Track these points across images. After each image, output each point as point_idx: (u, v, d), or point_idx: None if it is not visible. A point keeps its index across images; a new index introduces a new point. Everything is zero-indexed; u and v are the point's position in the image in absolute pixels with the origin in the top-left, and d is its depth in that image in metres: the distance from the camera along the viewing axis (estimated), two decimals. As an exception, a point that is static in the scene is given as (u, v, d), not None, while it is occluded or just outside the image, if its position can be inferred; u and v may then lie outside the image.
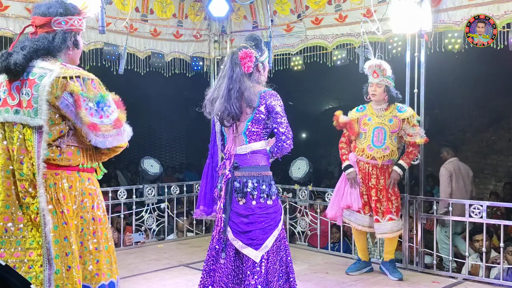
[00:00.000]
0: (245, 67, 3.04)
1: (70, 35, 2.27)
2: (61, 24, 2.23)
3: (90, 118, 2.12)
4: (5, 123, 2.18)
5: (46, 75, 2.12)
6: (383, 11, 5.12)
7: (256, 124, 3.06)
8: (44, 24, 2.23)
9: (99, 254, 2.20)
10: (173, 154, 14.91)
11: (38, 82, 2.13)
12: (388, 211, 4.67)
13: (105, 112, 2.16)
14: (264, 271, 3.04)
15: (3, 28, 4.96)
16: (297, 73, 6.43)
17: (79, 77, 2.14)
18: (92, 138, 2.13)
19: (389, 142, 4.67)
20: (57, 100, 2.11)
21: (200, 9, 6.58)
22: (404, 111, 4.69)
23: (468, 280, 4.71)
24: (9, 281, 1.60)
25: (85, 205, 2.19)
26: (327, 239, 5.96)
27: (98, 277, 2.18)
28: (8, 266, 1.66)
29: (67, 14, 2.24)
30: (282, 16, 6.23)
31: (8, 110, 2.17)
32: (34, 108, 2.12)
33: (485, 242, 4.81)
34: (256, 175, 3.09)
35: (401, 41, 5.17)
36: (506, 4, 4.55)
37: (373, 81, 4.69)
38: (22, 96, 2.15)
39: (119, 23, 5.81)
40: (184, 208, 6.66)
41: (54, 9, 2.23)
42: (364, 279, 4.74)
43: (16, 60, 2.13)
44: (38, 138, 2.12)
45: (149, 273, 4.90)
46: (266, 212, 3.08)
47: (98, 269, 2.19)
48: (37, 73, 2.15)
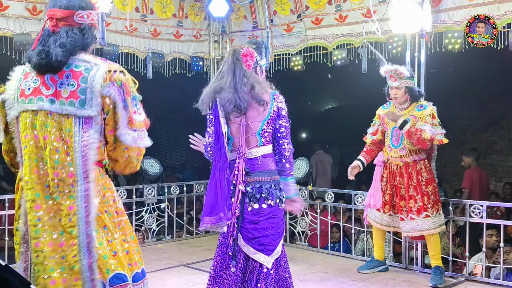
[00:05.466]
0: (246, 65, 2.97)
1: (93, 29, 2.27)
2: (84, 18, 2.22)
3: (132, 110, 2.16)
4: (39, 111, 2.16)
5: (93, 68, 2.14)
6: (383, 11, 5.12)
7: (270, 125, 2.97)
8: (65, 17, 2.20)
9: (128, 245, 2.24)
10: (173, 154, 14.92)
11: (85, 74, 2.13)
12: (423, 208, 4.53)
13: (138, 109, 2.20)
14: (275, 278, 2.98)
15: (3, 28, 4.96)
16: (297, 73, 6.43)
17: (122, 72, 2.20)
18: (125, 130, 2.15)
19: (406, 142, 4.59)
20: (104, 90, 2.12)
21: (200, 9, 6.58)
22: (423, 109, 4.59)
23: (468, 280, 4.72)
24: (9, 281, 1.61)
25: (107, 199, 2.22)
26: (327, 239, 5.96)
27: (131, 267, 2.21)
28: (8, 266, 1.66)
29: (88, 8, 2.24)
30: (282, 16, 6.23)
31: (42, 98, 2.16)
32: (80, 99, 2.12)
33: (485, 241, 4.82)
34: (269, 179, 2.99)
35: (401, 41, 5.17)
36: (506, 4, 4.56)
37: (392, 85, 4.62)
38: (63, 86, 2.14)
39: (119, 23, 5.83)
40: (184, 208, 6.66)
41: (76, 2, 2.21)
42: (364, 279, 4.74)
43: (57, 57, 2.13)
44: (84, 128, 2.13)
45: (149, 273, 4.85)
46: (277, 216, 3.01)
47: (130, 259, 2.22)
48: (82, 66, 2.16)
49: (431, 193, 4.58)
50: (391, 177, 4.73)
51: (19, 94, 2.21)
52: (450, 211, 4.94)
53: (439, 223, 4.59)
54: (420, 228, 4.57)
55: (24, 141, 2.17)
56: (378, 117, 4.91)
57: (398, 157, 4.66)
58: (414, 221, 4.57)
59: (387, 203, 4.76)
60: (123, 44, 5.90)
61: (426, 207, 4.54)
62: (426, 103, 4.64)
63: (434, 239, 4.62)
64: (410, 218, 4.59)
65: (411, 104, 4.66)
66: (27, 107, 2.17)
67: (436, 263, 4.63)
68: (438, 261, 4.64)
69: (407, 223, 4.62)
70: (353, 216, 5.84)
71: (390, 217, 4.78)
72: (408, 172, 4.61)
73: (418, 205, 4.55)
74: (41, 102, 2.15)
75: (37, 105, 2.15)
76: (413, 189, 4.58)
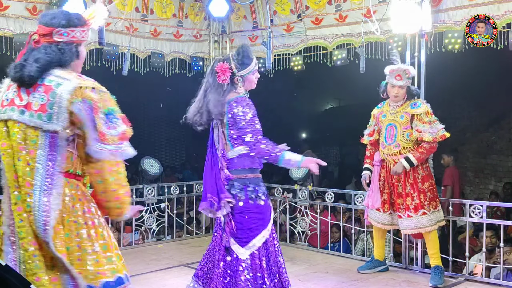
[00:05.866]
0: (219, 79, 3.24)
1: (73, 46, 2.33)
2: (63, 36, 2.29)
3: (102, 127, 2.19)
4: (9, 120, 2.24)
5: (63, 84, 2.20)
6: (383, 11, 5.12)
7: (233, 130, 3.23)
8: (46, 34, 2.29)
9: (97, 255, 2.25)
10: (173, 154, 14.93)
11: (55, 89, 2.20)
12: (420, 205, 4.55)
13: (112, 123, 2.23)
14: (252, 270, 3.14)
15: (3, 28, 4.96)
16: (297, 73, 6.43)
17: (94, 88, 2.23)
18: (95, 146, 2.18)
19: (400, 138, 4.64)
20: (72, 106, 2.18)
21: (200, 9, 6.58)
22: (417, 107, 4.62)
23: (468, 280, 4.72)
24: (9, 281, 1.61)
25: (76, 210, 2.25)
26: (327, 239, 5.96)
27: (100, 276, 2.23)
28: (8, 266, 1.67)
29: (69, 26, 2.30)
30: (282, 16, 6.23)
31: (14, 109, 2.24)
32: (48, 113, 2.19)
33: (485, 241, 4.82)
34: (242, 177, 3.23)
35: (401, 41, 5.17)
36: (506, 4, 4.55)
37: (397, 83, 4.63)
38: (34, 99, 2.22)
39: (119, 23, 5.82)
40: (184, 208, 6.66)
41: (57, 20, 2.29)
42: (364, 279, 4.74)
43: (30, 72, 2.21)
44: (51, 142, 2.20)
45: (149, 273, 4.90)
46: (254, 212, 3.20)
47: (97, 269, 2.23)
48: (54, 81, 2.22)
49: (428, 190, 4.59)
50: (388, 176, 4.74)
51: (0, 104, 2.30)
52: (450, 211, 4.95)
53: (436, 220, 4.59)
54: (417, 225, 4.58)
55: (1, 149, 2.26)
56: (373, 117, 4.94)
57: (393, 154, 4.68)
58: (411, 219, 4.59)
59: (386, 202, 4.77)
60: (123, 44, 5.90)
61: (423, 205, 4.55)
62: (420, 101, 4.68)
63: (432, 237, 4.63)
64: (407, 216, 4.60)
65: (405, 102, 4.70)
66: (1, 117, 2.26)
67: (435, 263, 4.63)
68: (437, 261, 4.64)
69: (404, 220, 4.63)
70: (353, 216, 5.84)
71: (390, 215, 4.79)
72: (404, 170, 4.61)
73: (415, 203, 4.57)
74: (12, 112, 2.23)
75: (7, 115, 2.24)
76: (410, 186, 4.60)
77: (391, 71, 4.66)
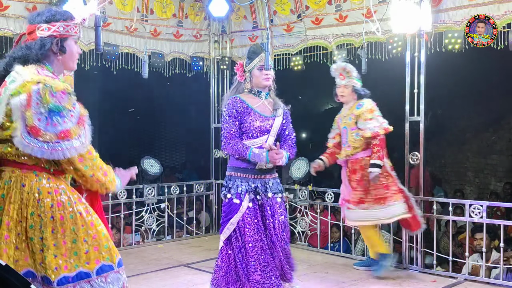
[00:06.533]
0: (238, 77, 3.59)
1: (51, 40, 2.33)
2: (44, 31, 2.33)
3: (36, 122, 2.17)
4: None
5: (16, 80, 2.24)
6: (383, 11, 5.11)
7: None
8: (31, 32, 2.34)
9: (58, 250, 2.26)
10: (173, 154, 14.91)
11: (8, 86, 2.24)
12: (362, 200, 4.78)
13: (53, 120, 2.20)
14: (221, 257, 3.46)
15: (3, 28, 4.96)
16: (297, 73, 6.42)
17: (39, 82, 2.21)
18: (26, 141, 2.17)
19: (350, 140, 4.82)
20: (11, 99, 2.19)
21: (200, 9, 6.58)
22: (361, 107, 4.77)
23: (468, 280, 4.72)
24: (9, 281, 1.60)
25: (42, 204, 2.25)
26: (327, 239, 5.96)
27: (57, 271, 2.25)
28: (8, 266, 1.66)
29: (51, 21, 2.33)
30: (282, 16, 6.23)
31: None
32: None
33: (485, 242, 4.81)
34: (226, 174, 3.56)
35: (401, 41, 5.16)
36: (506, 4, 4.55)
37: (340, 83, 4.85)
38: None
39: (119, 23, 5.82)
40: (184, 208, 6.66)
41: (40, 17, 2.33)
42: (364, 278, 4.74)
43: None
44: None
45: (149, 273, 4.90)
46: (223, 206, 3.52)
47: (56, 264, 2.25)
48: (11, 76, 2.27)
49: (373, 189, 4.75)
50: (350, 175, 4.90)
51: None
52: (450, 211, 4.94)
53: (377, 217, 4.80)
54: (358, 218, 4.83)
55: None
56: (335, 121, 5.13)
57: (348, 156, 4.87)
58: (352, 211, 4.82)
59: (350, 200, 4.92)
60: (123, 44, 5.90)
61: (364, 200, 4.76)
62: (365, 101, 4.79)
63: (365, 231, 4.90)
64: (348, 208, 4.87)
65: (354, 103, 4.86)
66: None
67: (376, 251, 4.83)
68: (376, 249, 4.85)
69: (350, 212, 4.86)
70: (353, 216, 5.83)
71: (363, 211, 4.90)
72: (353, 168, 4.82)
73: (358, 197, 4.77)
74: None
75: None
76: (356, 182, 4.79)
77: (335, 70, 4.88)
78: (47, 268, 2.23)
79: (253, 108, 3.45)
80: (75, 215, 2.32)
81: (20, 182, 2.25)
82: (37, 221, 2.24)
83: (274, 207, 3.46)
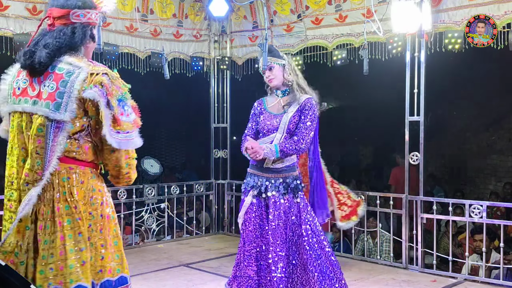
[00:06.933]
0: None
1: (88, 28, 2.26)
2: (80, 17, 2.22)
3: (115, 112, 2.12)
4: (23, 113, 2.17)
5: (74, 72, 2.13)
6: (383, 11, 5.12)
7: None
8: (62, 16, 2.21)
9: (105, 251, 2.20)
10: (173, 154, 14.90)
11: (66, 78, 2.13)
12: None
13: (125, 110, 2.16)
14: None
15: (3, 28, 4.96)
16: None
17: (106, 73, 2.15)
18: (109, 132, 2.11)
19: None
20: (84, 93, 2.10)
21: (200, 9, 6.58)
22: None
23: (468, 280, 4.72)
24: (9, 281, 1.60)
25: (94, 202, 2.19)
26: (327, 239, 5.95)
27: (101, 274, 2.18)
28: (8, 266, 1.66)
29: (85, 7, 2.23)
30: (282, 16, 6.23)
31: (27, 100, 2.16)
32: (56, 102, 2.11)
33: (485, 242, 4.82)
34: None
35: (401, 41, 5.16)
36: (506, 4, 4.55)
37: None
38: (44, 88, 2.15)
39: (119, 23, 5.82)
40: (184, 208, 6.66)
41: (73, 2, 2.21)
42: (364, 278, 4.74)
43: (40, 58, 2.13)
44: (55, 131, 2.12)
45: (149, 273, 4.90)
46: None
47: (102, 266, 2.18)
48: (64, 69, 2.15)
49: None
50: None
51: (12, 92, 2.23)
52: (450, 211, 4.95)
53: None
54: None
55: (14, 142, 2.20)
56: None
57: None
58: None
59: None
60: (123, 44, 5.90)
61: None
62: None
63: None
64: None
65: None
66: (15, 108, 2.20)
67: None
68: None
69: None
70: (353, 216, 5.83)
71: None
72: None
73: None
74: (25, 104, 2.17)
75: (21, 107, 2.18)
76: None
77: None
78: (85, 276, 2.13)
79: (266, 108, 3.57)
80: (115, 216, 2.30)
81: (79, 180, 2.17)
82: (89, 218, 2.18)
83: (277, 207, 3.37)
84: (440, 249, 5.87)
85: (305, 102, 3.46)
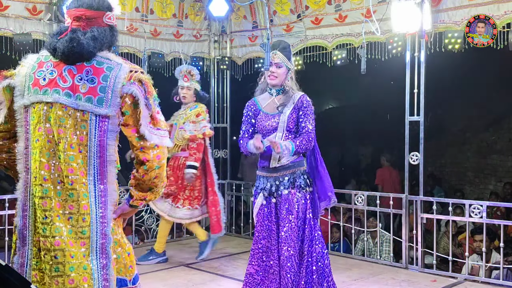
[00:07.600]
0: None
1: (115, 30, 2.30)
2: (111, 20, 2.27)
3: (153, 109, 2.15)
4: (54, 104, 2.11)
5: (115, 67, 2.14)
6: (383, 11, 5.11)
7: None
8: (95, 18, 2.21)
9: (129, 247, 2.26)
10: (173, 154, 14.91)
11: (107, 73, 2.12)
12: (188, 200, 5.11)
13: (159, 109, 2.21)
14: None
15: (3, 28, 4.96)
16: (297, 73, 6.40)
17: (143, 72, 2.21)
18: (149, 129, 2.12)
19: (176, 137, 5.09)
20: (124, 88, 2.11)
21: (200, 9, 6.58)
22: (192, 109, 5.12)
23: (468, 280, 4.72)
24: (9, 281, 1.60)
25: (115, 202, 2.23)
26: (327, 239, 5.95)
27: (132, 269, 2.23)
28: (8, 266, 1.66)
29: (111, 10, 2.28)
30: (282, 16, 6.23)
31: (59, 91, 2.11)
32: (99, 97, 2.09)
33: (485, 242, 4.82)
34: None
35: (401, 41, 5.16)
36: (506, 4, 4.55)
37: (184, 84, 5.17)
38: (81, 81, 2.11)
39: (119, 23, 5.82)
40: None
41: (105, 4, 2.25)
42: (364, 278, 4.74)
43: (89, 47, 2.12)
44: (101, 126, 2.11)
45: (149, 273, 4.89)
46: None
47: (131, 261, 2.24)
48: (104, 63, 2.14)
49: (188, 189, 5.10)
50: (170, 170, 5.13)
51: (32, 83, 2.15)
52: (450, 211, 4.94)
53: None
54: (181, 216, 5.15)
55: (36, 134, 2.12)
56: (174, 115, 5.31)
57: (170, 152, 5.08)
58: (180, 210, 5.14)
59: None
60: (123, 44, 5.90)
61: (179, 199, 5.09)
62: (198, 104, 5.16)
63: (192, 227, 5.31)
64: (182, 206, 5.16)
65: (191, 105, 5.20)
66: (41, 99, 2.12)
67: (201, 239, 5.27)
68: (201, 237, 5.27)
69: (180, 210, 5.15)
70: (353, 216, 5.83)
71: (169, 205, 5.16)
72: (173, 165, 5.09)
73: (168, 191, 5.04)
74: (57, 94, 2.10)
75: (52, 97, 2.10)
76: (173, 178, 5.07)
77: (180, 72, 5.17)
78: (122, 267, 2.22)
79: (261, 109, 3.56)
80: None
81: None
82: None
83: (291, 204, 3.40)
84: (440, 249, 5.88)
85: (301, 100, 3.50)
